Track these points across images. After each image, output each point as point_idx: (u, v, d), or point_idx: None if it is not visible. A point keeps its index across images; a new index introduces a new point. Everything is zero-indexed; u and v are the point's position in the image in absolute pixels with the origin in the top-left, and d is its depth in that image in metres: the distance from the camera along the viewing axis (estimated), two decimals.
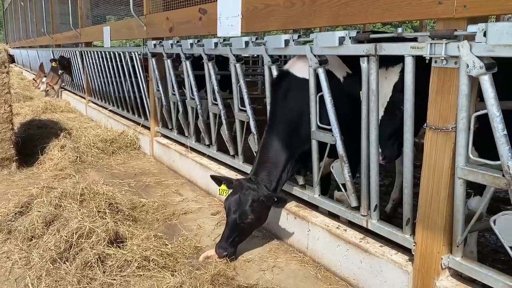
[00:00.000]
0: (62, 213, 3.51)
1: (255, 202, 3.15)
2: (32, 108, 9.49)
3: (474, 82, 2.13)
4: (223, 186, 3.37)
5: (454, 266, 2.37)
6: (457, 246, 2.34)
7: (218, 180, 3.42)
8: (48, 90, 11.86)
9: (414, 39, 2.53)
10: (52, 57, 12.44)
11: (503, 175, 2.03)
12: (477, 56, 2.03)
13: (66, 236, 3.13)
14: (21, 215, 3.71)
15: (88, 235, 3.17)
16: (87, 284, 2.77)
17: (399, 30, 2.48)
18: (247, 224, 3.19)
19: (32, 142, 6.38)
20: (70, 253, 3.03)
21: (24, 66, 20.75)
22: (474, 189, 2.73)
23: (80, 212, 3.47)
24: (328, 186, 3.72)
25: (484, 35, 1.96)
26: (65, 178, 5.08)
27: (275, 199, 3.14)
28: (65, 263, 2.93)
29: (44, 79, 12.01)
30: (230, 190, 3.30)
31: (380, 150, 2.88)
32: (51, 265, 2.93)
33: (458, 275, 2.42)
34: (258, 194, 3.16)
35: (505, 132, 2.01)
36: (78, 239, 3.12)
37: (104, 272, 2.87)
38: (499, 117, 2.01)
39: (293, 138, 3.28)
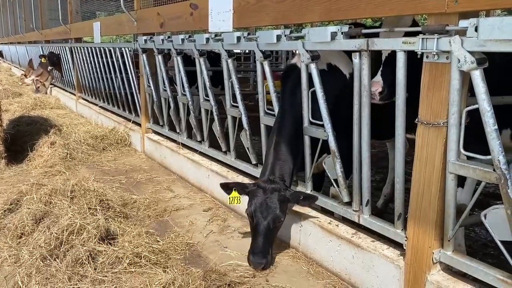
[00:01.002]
0: (52, 210, 3.48)
1: (283, 203, 3.06)
2: (21, 105, 9.37)
3: (466, 77, 2.14)
4: (234, 193, 3.23)
5: (445, 260, 2.38)
6: (448, 241, 2.35)
7: (227, 187, 3.27)
8: (39, 87, 11.72)
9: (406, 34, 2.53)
10: (42, 53, 12.30)
11: (494, 170, 2.05)
12: (469, 51, 2.03)
13: (56, 233, 3.10)
14: (10, 212, 3.67)
15: (78, 232, 3.15)
16: (78, 281, 2.74)
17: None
18: (278, 228, 3.11)
19: (21, 139, 6.31)
20: (61, 250, 3.00)
21: (13, 62, 20.48)
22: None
23: (70, 209, 3.45)
24: (322, 182, 3.71)
25: (476, 30, 1.97)
26: (55, 175, 5.04)
27: (301, 197, 3.08)
28: (55, 260, 2.90)
29: (32, 76, 11.85)
30: (244, 197, 3.20)
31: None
32: (41, 262, 2.89)
33: (449, 269, 2.44)
34: (285, 194, 3.07)
35: (496, 126, 2.02)
36: (69, 236, 3.10)
37: (95, 269, 2.85)
38: (490, 112, 2.02)
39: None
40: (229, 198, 3.26)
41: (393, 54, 2.50)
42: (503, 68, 2.55)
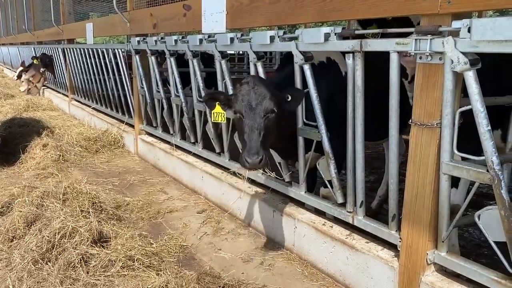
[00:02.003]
0: (44, 213, 3.44)
1: (273, 95, 2.78)
2: (13, 106, 9.30)
3: (459, 78, 2.14)
4: (218, 108, 2.96)
5: (439, 261, 2.38)
6: (442, 242, 2.35)
7: (212, 99, 2.99)
8: (30, 89, 11.63)
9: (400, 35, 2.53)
10: (34, 55, 12.21)
11: (488, 171, 2.05)
12: (462, 52, 2.03)
13: (48, 236, 3.07)
14: (1, 216, 3.64)
15: (71, 235, 3.12)
16: (70, 284, 2.71)
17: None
18: (271, 124, 2.77)
19: (13, 140, 6.26)
20: (53, 253, 2.97)
21: (4, 64, 20.33)
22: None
23: (62, 211, 3.42)
24: (314, 182, 3.71)
25: (469, 31, 1.97)
26: (47, 177, 5.00)
27: (288, 97, 2.81)
28: (47, 264, 2.88)
29: (25, 76, 11.74)
30: (228, 111, 2.93)
31: None
32: (33, 266, 2.86)
33: (443, 270, 2.44)
34: (273, 88, 2.81)
35: (489, 127, 2.02)
36: (61, 239, 3.07)
37: (87, 273, 2.82)
38: (483, 113, 2.02)
39: None
40: (212, 113, 3.01)
41: None
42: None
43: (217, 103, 2.99)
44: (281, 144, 3.25)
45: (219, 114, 2.99)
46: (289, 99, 2.83)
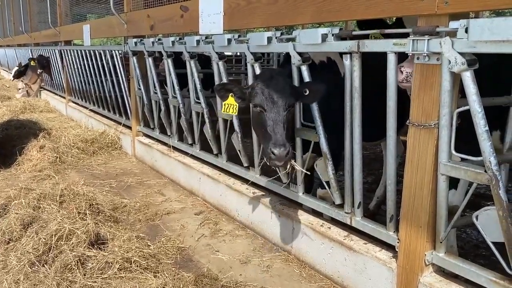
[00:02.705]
0: (41, 215, 3.43)
1: (292, 88, 2.79)
2: (10, 108, 9.27)
3: (456, 79, 2.14)
4: (231, 100, 2.90)
5: (437, 262, 2.38)
6: (441, 242, 2.35)
7: (224, 90, 2.94)
8: (27, 91, 11.60)
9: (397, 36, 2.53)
10: (31, 56, 12.18)
11: (485, 171, 2.05)
12: (459, 52, 2.03)
13: (45, 239, 3.05)
14: None
15: (68, 237, 3.10)
16: (67, 287, 2.70)
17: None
18: (291, 115, 2.81)
19: (10, 142, 6.23)
20: (49, 255, 2.95)
21: (1, 66, 20.28)
22: (449, 182, 2.74)
23: (59, 213, 3.40)
24: (312, 184, 3.70)
25: (466, 31, 1.97)
26: (44, 179, 4.98)
27: (306, 91, 2.78)
28: (44, 266, 2.86)
29: (22, 84, 11.70)
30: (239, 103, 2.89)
31: None
32: (29, 268, 2.84)
33: (441, 271, 2.44)
34: (291, 80, 2.82)
35: (487, 128, 2.02)
36: (58, 241, 3.05)
37: (84, 275, 2.81)
38: (481, 113, 2.02)
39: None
40: (224, 104, 2.95)
41: None
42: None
43: (230, 94, 2.94)
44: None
45: (231, 106, 2.93)
46: (306, 93, 2.81)
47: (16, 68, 12.17)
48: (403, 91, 2.59)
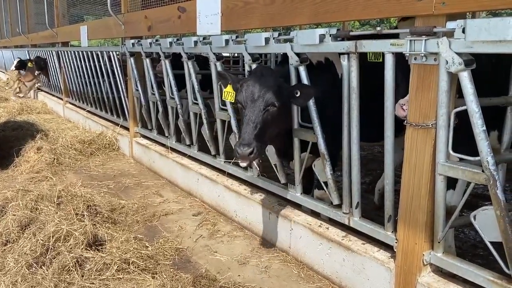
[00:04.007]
0: (39, 216, 3.42)
1: (279, 88, 2.78)
2: (7, 110, 9.25)
3: (454, 79, 2.14)
4: (229, 88, 2.99)
5: (435, 262, 2.38)
6: (439, 242, 2.35)
7: (225, 78, 3.06)
8: (19, 87, 11.55)
9: (394, 36, 2.53)
10: (28, 57, 12.15)
11: (483, 171, 2.05)
12: (456, 53, 2.04)
13: (42, 240, 3.05)
14: None
15: (65, 238, 3.10)
16: None
17: (378, 28, 2.49)
18: (270, 116, 2.76)
19: (7, 144, 6.22)
20: (47, 257, 2.94)
21: None
22: (448, 183, 2.74)
23: (57, 215, 3.39)
24: (312, 185, 3.70)
25: (463, 31, 1.97)
26: (41, 181, 4.96)
27: (298, 93, 2.79)
28: (41, 268, 2.85)
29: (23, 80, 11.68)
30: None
31: None
32: (27, 270, 2.83)
33: (440, 271, 2.44)
34: (281, 81, 2.81)
35: (484, 128, 2.03)
36: (55, 243, 3.04)
37: (82, 276, 2.80)
38: (478, 113, 2.03)
39: None
40: (224, 92, 3.07)
41: None
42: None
43: (229, 82, 3.06)
44: (282, 140, 3.26)
45: (229, 93, 3.03)
46: (297, 95, 2.83)
47: (18, 58, 12.12)
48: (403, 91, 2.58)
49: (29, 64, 11.26)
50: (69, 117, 9.10)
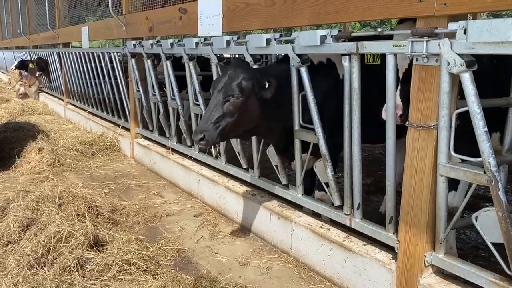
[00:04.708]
0: (40, 217, 3.42)
1: (245, 80, 2.89)
2: (8, 111, 9.25)
3: (455, 80, 2.15)
4: None
5: (437, 263, 2.38)
6: (440, 243, 2.35)
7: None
8: (26, 91, 11.56)
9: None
10: (29, 58, 12.16)
11: (485, 172, 2.05)
12: (458, 54, 2.04)
13: (43, 241, 3.04)
14: None
15: (66, 239, 3.09)
16: None
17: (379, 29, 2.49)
18: (231, 106, 2.87)
19: (8, 145, 6.22)
20: (48, 258, 2.94)
21: None
22: (449, 184, 2.74)
23: (58, 215, 3.39)
24: (314, 185, 3.69)
25: (465, 32, 1.97)
26: (43, 182, 4.97)
27: (267, 84, 2.90)
28: (42, 269, 2.85)
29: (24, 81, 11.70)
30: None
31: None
32: (28, 271, 2.84)
33: (441, 272, 2.44)
34: (249, 73, 2.92)
35: (486, 129, 2.02)
36: (57, 244, 3.04)
37: (83, 277, 2.80)
38: (480, 114, 2.03)
39: None
40: None
41: (410, 70, 2.43)
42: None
43: None
44: (276, 136, 3.32)
45: None
46: (267, 86, 2.93)
47: (20, 59, 12.14)
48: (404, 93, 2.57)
49: (31, 65, 11.28)
50: (70, 118, 9.11)
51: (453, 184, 2.64)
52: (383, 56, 2.48)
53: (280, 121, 3.22)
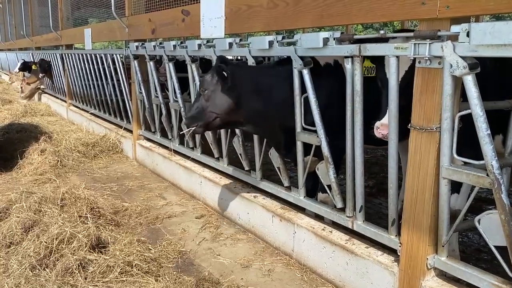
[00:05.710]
0: (42, 219, 3.42)
1: (219, 75, 3.17)
2: (11, 112, 9.28)
3: (458, 82, 2.14)
4: None
5: (439, 266, 2.37)
6: (442, 246, 2.34)
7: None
8: (21, 87, 11.60)
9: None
10: (32, 60, 12.20)
11: (487, 175, 2.05)
12: (461, 56, 2.04)
13: (46, 242, 3.05)
14: None
15: (69, 240, 3.10)
16: None
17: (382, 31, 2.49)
18: (207, 96, 3.20)
19: (11, 146, 6.23)
20: (50, 259, 2.95)
21: (2, 69, 20.34)
22: (452, 186, 2.73)
23: (60, 217, 3.40)
24: (316, 187, 3.68)
25: (467, 35, 1.97)
26: (45, 183, 4.97)
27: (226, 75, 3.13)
28: (45, 270, 2.85)
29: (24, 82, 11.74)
30: None
31: None
32: (30, 272, 2.84)
33: (444, 275, 2.43)
34: (223, 66, 3.16)
35: (489, 131, 2.02)
36: (59, 245, 3.05)
37: (85, 278, 2.80)
38: (483, 117, 2.02)
39: None
40: None
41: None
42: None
43: None
44: (275, 134, 3.41)
45: None
46: (226, 76, 3.15)
47: (23, 60, 12.17)
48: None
49: (33, 67, 11.31)
50: (73, 119, 9.13)
51: (455, 186, 2.64)
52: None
53: (270, 118, 3.29)
